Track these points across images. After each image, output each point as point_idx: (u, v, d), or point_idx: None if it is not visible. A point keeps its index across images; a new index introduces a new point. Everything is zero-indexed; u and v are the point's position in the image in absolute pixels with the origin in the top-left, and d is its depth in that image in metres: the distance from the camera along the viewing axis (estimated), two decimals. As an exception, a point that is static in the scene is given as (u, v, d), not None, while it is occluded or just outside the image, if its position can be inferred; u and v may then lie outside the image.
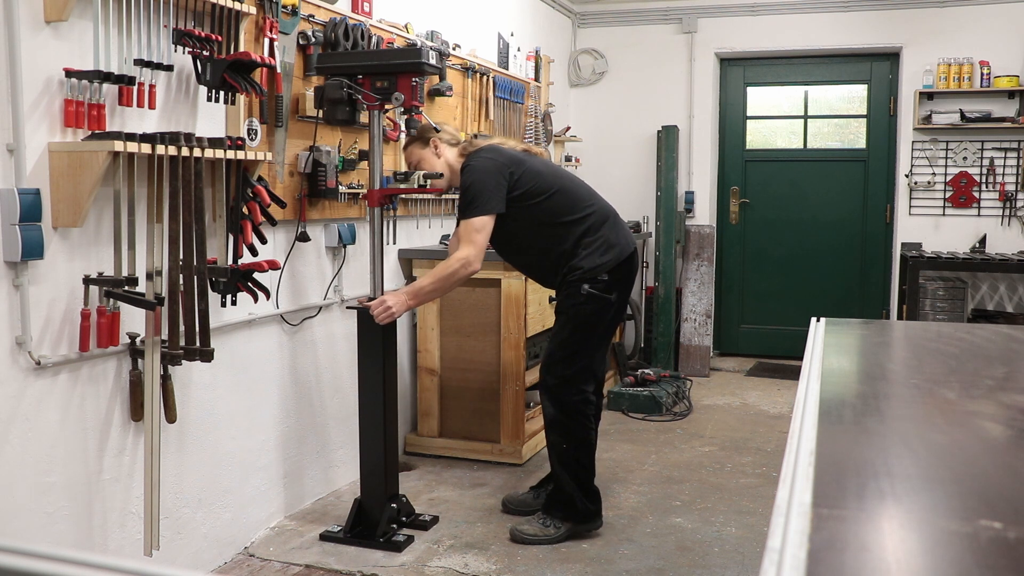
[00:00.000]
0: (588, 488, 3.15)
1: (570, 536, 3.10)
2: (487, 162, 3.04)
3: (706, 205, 6.26)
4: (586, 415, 3.15)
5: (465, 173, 3.04)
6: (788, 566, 0.70)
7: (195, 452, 2.81)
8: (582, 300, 3.05)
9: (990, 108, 5.63)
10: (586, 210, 3.10)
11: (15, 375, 2.19)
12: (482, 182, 2.98)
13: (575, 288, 3.06)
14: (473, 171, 3.02)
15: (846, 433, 1.15)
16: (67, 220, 2.26)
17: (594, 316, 3.08)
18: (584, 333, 3.10)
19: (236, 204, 2.72)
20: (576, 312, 3.07)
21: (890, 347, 2.00)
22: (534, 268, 3.29)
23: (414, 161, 3.21)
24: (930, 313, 5.41)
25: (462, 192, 3.02)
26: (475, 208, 2.97)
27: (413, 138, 3.23)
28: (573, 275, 3.06)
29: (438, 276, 2.98)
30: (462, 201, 3.01)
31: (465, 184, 3.01)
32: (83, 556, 0.58)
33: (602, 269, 3.05)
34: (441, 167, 3.17)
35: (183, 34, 2.50)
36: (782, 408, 5.03)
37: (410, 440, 4.10)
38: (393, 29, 3.76)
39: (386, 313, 2.98)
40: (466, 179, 3.02)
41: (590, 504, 3.14)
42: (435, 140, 3.18)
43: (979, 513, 0.83)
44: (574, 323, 3.09)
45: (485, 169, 3.01)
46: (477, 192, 2.97)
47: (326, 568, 2.89)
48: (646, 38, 6.28)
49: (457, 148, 3.21)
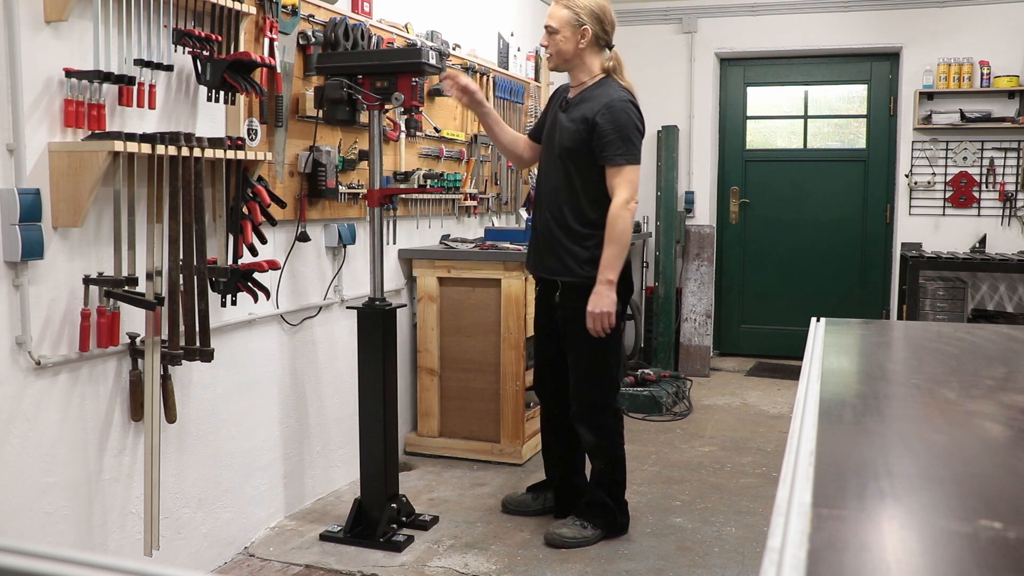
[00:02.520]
0: (621, 500, 3.18)
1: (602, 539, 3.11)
2: (634, 107, 2.99)
3: (706, 205, 6.26)
4: (619, 431, 3.17)
5: (620, 109, 2.94)
6: (788, 566, 0.70)
7: (195, 452, 2.81)
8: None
9: (990, 108, 5.63)
10: None
11: (15, 375, 2.19)
12: (636, 128, 2.96)
13: (580, 311, 2.98)
14: (629, 112, 2.96)
15: (846, 433, 1.15)
16: (67, 220, 2.26)
17: (607, 336, 3.02)
18: (601, 355, 3.07)
19: (236, 204, 2.72)
20: (588, 341, 3.01)
21: (890, 347, 2.00)
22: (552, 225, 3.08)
23: (554, 23, 3.02)
24: (930, 313, 5.41)
25: (617, 126, 2.92)
26: (632, 155, 2.93)
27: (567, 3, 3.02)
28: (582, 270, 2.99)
29: (613, 237, 2.91)
30: (615, 135, 2.92)
31: (621, 121, 2.93)
32: (83, 556, 0.58)
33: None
34: (569, 54, 3.02)
35: (183, 34, 2.50)
36: (782, 408, 5.02)
37: (410, 440, 4.10)
38: (393, 29, 3.76)
39: (607, 322, 2.93)
40: (622, 116, 2.93)
41: (622, 516, 3.17)
42: (587, 31, 3.00)
43: (979, 513, 0.83)
44: (590, 349, 3.04)
45: (636, 113, 2.98)
46: (634, 137, 2.94)
47: (326, 568, 2.89)
48: (646, 38, 6.27)
49: (601, 59, 3.07)
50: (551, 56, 3.08)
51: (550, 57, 3.09)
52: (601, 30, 3.04)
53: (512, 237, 4.29)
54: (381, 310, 3.10)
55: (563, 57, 3.05)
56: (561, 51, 3.03)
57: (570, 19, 3.00)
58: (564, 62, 3.06)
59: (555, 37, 3.03)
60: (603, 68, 3.07)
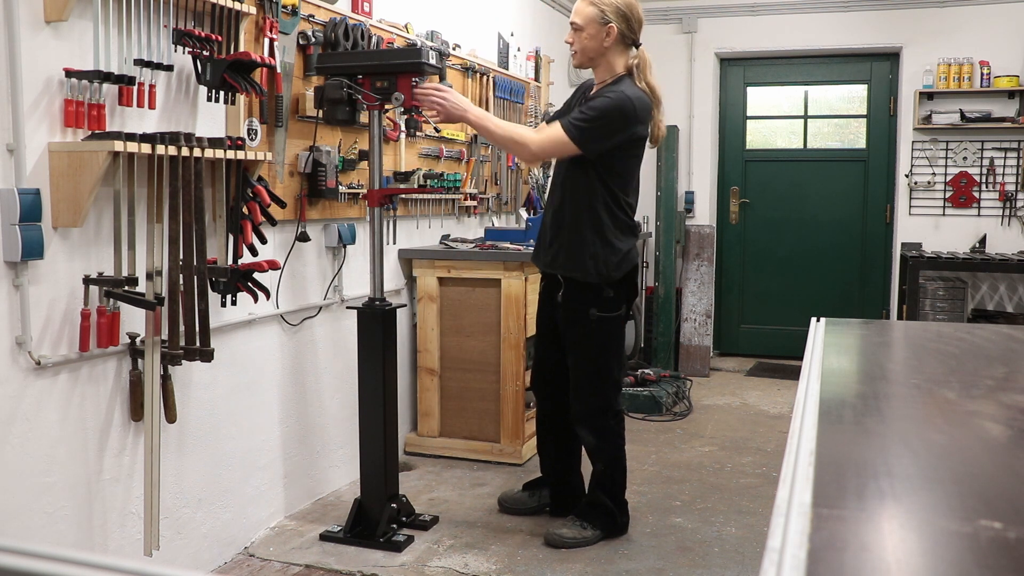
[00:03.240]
0: (620, 500, 3.18)
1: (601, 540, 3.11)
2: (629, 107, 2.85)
3: (706, 205, 6.26)
4: (620, 433, 3.16)
5: (607, 93, 2.87)
6: (788, 566, 0.70)
7: (195, 452, 2.81)
8: (593, 327, 3.01)
9: (990, 108, 5.63)
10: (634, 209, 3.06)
11: (15, 375, 2.19)
12: (608, 119, 2.83)
13: (582, 313, 2.99)
14: (612, 101, 2.84)
15: (846, 433, 1.15)
16: (67, 220, 2.26)
17: (608, 338, 3.03)
18: (603, 358, 3.07)
19: (236, 204, 2.72)
20: (590, 343, 3.03)
21: (890, 347, 2.00)
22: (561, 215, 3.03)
23: (579, 20, 2.93)
24: (930, 313, 5.41)
25: (590, 106, 2.86)
26: (582, 133, 2.82)
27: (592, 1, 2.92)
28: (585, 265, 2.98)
29: (504, 124, 2.91)
30: (583, 115, 2.85)
31: (598, 103, 2.85)
32: (83, 556, 0.58)
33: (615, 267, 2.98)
34: (593, 51, 2.93)
35: (183, 34, 2.50)
36: (782, 408, 5.03)
37: (410, 440, 4.10)
38: (393, 29, 3.76)
39: (439, 94, 2.84)
40: (602, 100, 2.85)
41: (622, 516, 3.17)
42: (613, 29, 2.90)
43: (979, 513, 0.83)
44: (591, 353, 3.05)
45: (627, 107, 2.84)
46: (595, 121, 2.83)
47: (326, 568, 2.88)
48: (646, 38, 6.16)
49: (626, 57, 2.97)
50: (576, 53, 2.99)
51: (575, 54, 3.01)
52: (628, 28, 2.94)
53: (512, 237, 4.29)
54: (381, 310, 3.10)
55: (587, 55, 2.96)
56: (586, 48, 2.94)
57: (596, 16, 2.91)
58: (588, 60, 2.97)
59: (580, 34, 2.94)
60: (627, 67, 2.98)
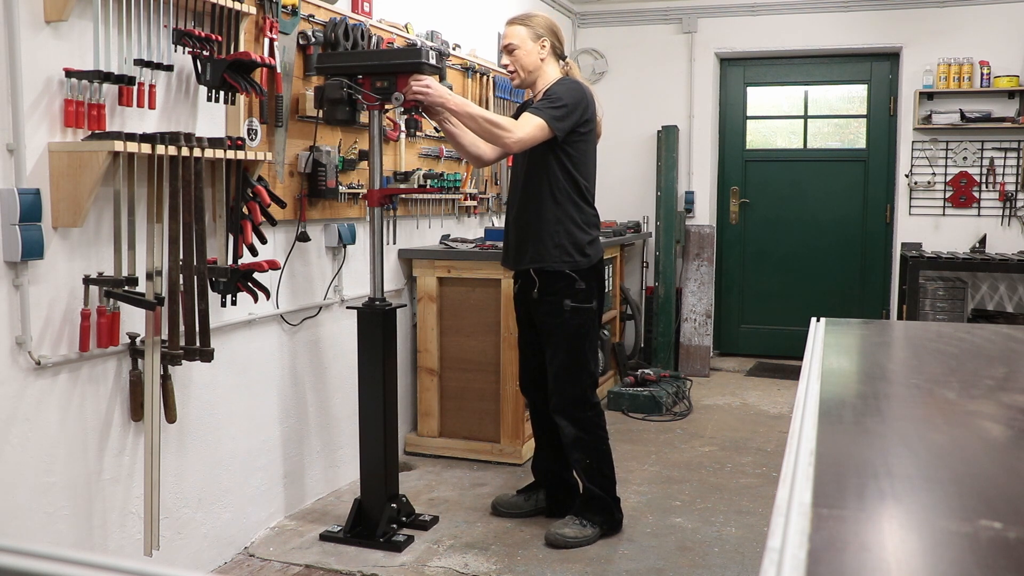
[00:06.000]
0: (613, 495, 3.21)
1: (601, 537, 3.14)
2: (580, 91, 3.07)
3: (706, 205, 6.26)
4: (601, 426, 3.21)
5: (561, 84, 3.08)
6: (788, 566, 0.70)
7: (195, 452, 2.81)
8: (567, 317, 3.08)
9: (990, 108, 5.63)
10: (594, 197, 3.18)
11: (15, 375, 2.19)
12: (574, 103, 3.02)
13: (557, 305, 3.07)
14: (570, 89, 3.05)
15: (846, 433, 1.15)
16: (67, 220, 2.26)
17: (582, 329, 3.12)
18: (579, 349, 3.14)
19: (236, 204, 2.72)
20: (565, 334, 3.11)
21: (890, 347, 2.00)
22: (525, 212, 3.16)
23: (514, 40, 3.14)
24: (930, 313, 5.41)
25: (551, 98, 3.03)
26: (552, 114, 2.99)
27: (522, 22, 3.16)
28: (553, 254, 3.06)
29: (486, 113, 2.99)
30: (548, 103, 3.02)
31: (558, 93, 3.03)
32: (83, 556, 0.58)
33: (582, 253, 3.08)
34: (532, 66, 3.14)
35: (183, 34, 2.50)
36: (782, 408, 5.03)
37: (410, 440, 4.10)
38: (393, 29, 3.76)
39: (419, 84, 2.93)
40: (560, 89, 3.05)
41: (617, 511, 3.21)
42: (546, 43, 3.14)
43: (979, 513, 0.83)
44: (567, 344, 3.12)
45: (579, 92, 3.06)
46: (562, 106, 3.00)
47: (326, 568, 2.89)
48: (646, 38, 6.28)
49: (558, 67, 3.20)
50: (514, 73, 3.16)
51: (514, 74, 3.17)
52: (557, 40, 3.18)
53: (512, 237, 4.28)
54: (381, 310, 3.10)
55: (527, 70, 3.14)
56: (524, 65, 3.13)
57: (528, 34, 3.13)
58: (528, 74, 3.14)
59: (516, 53, 3.13)
60: (562, 73, 3.19)
